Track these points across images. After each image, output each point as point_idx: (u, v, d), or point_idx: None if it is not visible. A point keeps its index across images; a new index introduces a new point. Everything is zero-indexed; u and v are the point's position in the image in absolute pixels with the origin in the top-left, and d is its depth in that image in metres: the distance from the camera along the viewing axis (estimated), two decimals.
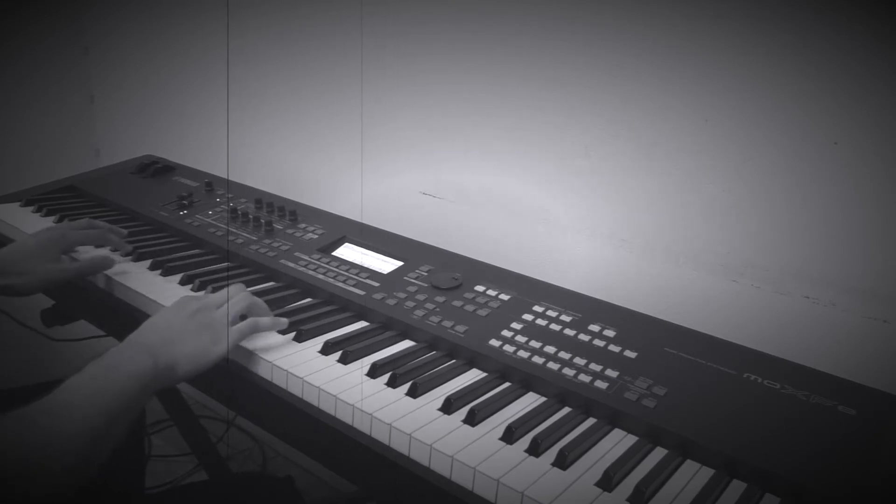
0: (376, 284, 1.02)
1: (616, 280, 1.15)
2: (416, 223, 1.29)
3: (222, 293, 0.90)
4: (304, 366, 0.84)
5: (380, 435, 0.75)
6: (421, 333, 0.93)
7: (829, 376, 0.80)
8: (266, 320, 0.90)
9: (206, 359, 0.82)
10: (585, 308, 0.94)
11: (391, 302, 0.98)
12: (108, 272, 1.06)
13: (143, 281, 1.05)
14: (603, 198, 1.16)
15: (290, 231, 1.20)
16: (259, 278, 1.09)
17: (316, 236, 1.18)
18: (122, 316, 1.02)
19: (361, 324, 0.97)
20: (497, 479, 0.66)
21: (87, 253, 1.13)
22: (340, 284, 1.03)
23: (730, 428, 0.73)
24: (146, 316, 0.99)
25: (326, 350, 0.88)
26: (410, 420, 0.75)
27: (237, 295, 0.90)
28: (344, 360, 0.86)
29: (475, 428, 0.75)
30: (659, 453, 0.73)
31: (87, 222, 1.13)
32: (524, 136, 1.23)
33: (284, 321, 0.91)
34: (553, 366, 0.84)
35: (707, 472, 0.70)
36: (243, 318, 0.89)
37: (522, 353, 0.86)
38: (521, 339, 0.89)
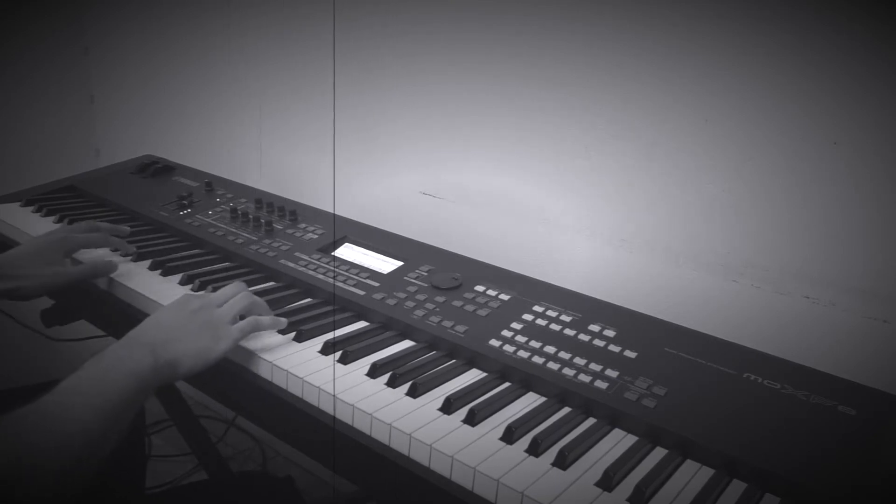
0: (376, 284, 1.02)
1: (616, 280, 1.15)
2: (416, 223, 1.29)
3: (223, 292, 0.91)
4: (304, 366, 0.84)
5: (380, 435, 0.75)
6: (421, 333, 0.93)
7: (829, 376, 0.80)
8: (267, 319, 0.90)
9: (207, 356, 0.81)
10: (585, 308, 0.94)
11: (391, 302, 0.98)
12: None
13: (143, 281, 1.05)
14: (603, 198, 1.16)
15: (290, 231, 1.20)
16: (259, 278, 1.09)
17: (316, 236, 1.18)
18: (122, 316, 1.02)
19: (361, 324, 0.97)
20: (497, 479, 0.66)
21: (90, 255, 1.13)
22: (340, 284, 1.03)
23: (730, 428, 0.73)
24: (146, 316, 0.99)
25: (326, 350, 0.88)
26: (410, 420, 0.75)
27: (238, 294, 0.91)
28: (344, 360, 0.86)
29: (475, 428, 0.75)
30: (659, 453, 0.73)
31: (89, 224, 1.12)
32: (524, 136, 1.23)
33: (284, 321, 0.92)
34: (553, 366, 0.84)
35: (707, 472, 0.70)
36: (244, 317, 0.89)
37: (522, 353, 0.86)
38: (521, 339, 0.89)
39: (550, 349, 0.86)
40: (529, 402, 0.81)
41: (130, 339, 0.79)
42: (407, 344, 0.92)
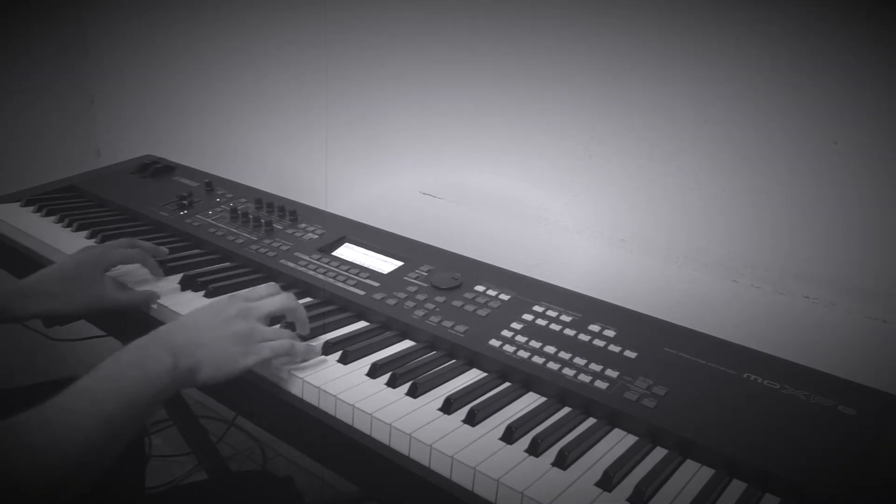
0: (376, 284, 1.02)
1: (616, 280, 1.15)
2: (416, 223, 1.29)
3: (269, 303, 0.84)
4: (304, 366, 0.84)
5: (380, 435, 0.75)
6: (421, 333, 0.93)
7: (829, 376, 0.80)
8: (301, 347, 0.84)
9: (230, 368, 0.77)
10: (585, 308, 0.94)
11: (391, 302, 0.98)
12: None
13: (143, 281, 1.05)
14: (603, 198, 1.16)
15: (290, 231, 1.20)
16: (259, 278, 1.09)
17: (316, 236, 1.18)
18: (122, 315, 1.02)
19: (361, 324, 0.97)
20: (497, 479, 0.66)
21: (120, 271, 1.07)
22: (340, 284, 1.03)
23: (730, 428, 0.73)
24: (146, 316, 0.99)
25: (326, 350, 0.88)
26: (410, 420, 0.75)
27: (282, 305, 0.85)
28: (344, 360, 0.86)
29: (475, 428, 0.75)
30: (659, 453, 0.73)
31: (129, 241, 1.06)
32: (524, 136, 1.23)
33: (318, 350, 0.87)
34: (553, 366, 0.84)
35: (707, 472, 0.70)
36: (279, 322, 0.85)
37: (522, 353, 0.86)
38: (521, 339, 0.89)
39: (550, 349, 0.86)
40: (529, 402, 0.81)
41: (154, 339, 0.75)
42: (407, 344, 0.92)
